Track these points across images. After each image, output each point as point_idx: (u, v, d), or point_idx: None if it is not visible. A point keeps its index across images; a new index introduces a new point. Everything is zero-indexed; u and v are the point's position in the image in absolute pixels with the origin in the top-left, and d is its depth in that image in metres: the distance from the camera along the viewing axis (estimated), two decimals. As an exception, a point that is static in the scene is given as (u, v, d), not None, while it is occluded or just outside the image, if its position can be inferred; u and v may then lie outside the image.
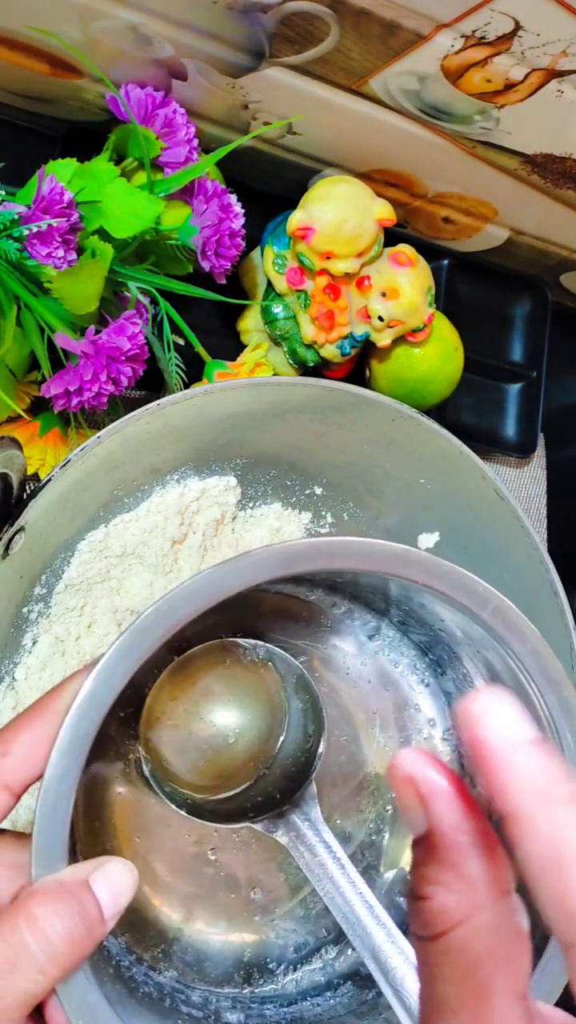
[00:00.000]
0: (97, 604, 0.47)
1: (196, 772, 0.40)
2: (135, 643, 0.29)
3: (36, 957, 0.25)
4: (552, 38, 0.40)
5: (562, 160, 0.49)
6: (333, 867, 0.38)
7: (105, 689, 0.29)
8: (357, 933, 0.37)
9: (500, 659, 0.34)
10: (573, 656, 0.48)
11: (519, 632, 0.33)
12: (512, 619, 0.33)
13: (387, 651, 0.44)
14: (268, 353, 0.53)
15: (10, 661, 0.45)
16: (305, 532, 0.52)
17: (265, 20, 0.41)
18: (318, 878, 0.38)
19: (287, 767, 0.40)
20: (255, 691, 0.41)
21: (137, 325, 0.43)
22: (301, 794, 0.39)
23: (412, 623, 0.41)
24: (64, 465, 0.41)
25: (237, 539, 0.50)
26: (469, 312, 0.60)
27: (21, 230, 0.40)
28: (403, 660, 0.44)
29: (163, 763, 0.39)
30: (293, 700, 0.41)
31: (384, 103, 0.46)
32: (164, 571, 0.47)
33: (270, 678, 0.41)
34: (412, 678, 0.44)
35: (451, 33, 0.40)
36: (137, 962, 0.39)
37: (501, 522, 0.48)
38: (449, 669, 0.41)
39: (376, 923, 0.36)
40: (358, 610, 0.43)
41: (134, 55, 0.44)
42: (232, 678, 0.41)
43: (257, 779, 0.40)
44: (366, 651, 0.44)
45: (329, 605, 0.43)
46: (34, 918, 0.26)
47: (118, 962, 0.39)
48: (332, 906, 0.37)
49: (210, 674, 0.40)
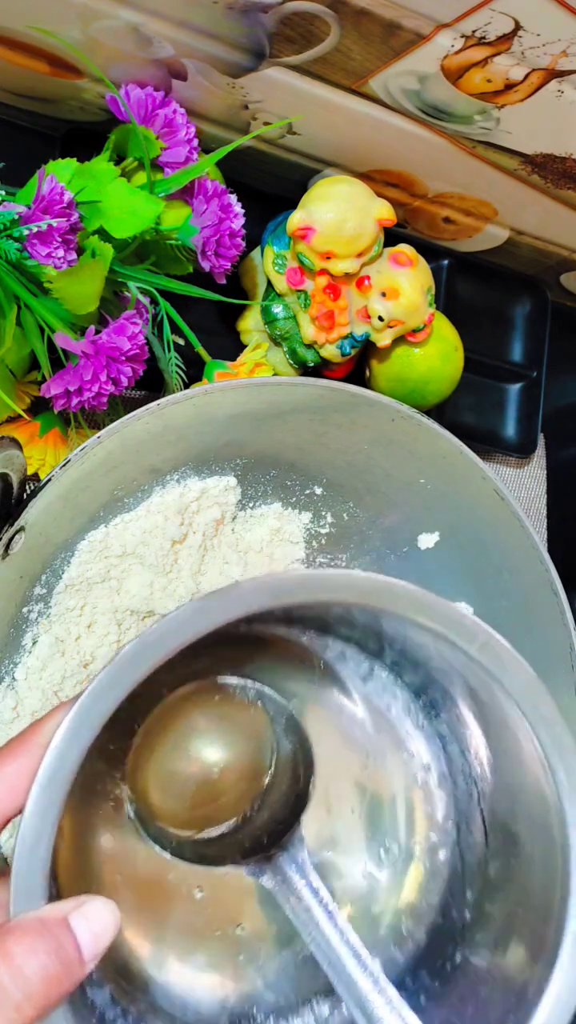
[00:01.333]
0: (97, 604, 0.47)
1: (181, 808, 0.39)
2: (120, 675, 0.28)
3: (12, 995, 0.25)
4: (552, 38, 0.40)
5: (562, 160, 0.49)
6: (320, 912, 0.37)
7: (88, 722, 0.28)
8: (343, 981, 0.35)
9: (490, 695, 0.34)
10: (573, 656, 0.48)
11: (510, 668, 0.32)
12: (502, 654, 0.32)
13: (381, 693, 0.43)
14: (268, 353, 0.53)
15: (10, 661, 0.45)
16: (305, 532, 0.52)
17: (265, 20, 0.41)
18: (304, 924, 0.37)
19: (275, 810, 0.39)
20: (243, 729, 0.40)
21: (137, 325, 0.43)
22: (289, 837, 0.38)
23: (405, 664, 0.40)
24: (64, 465, 0.41)
25: (237, 539, 0.50)
26: (469, 312, 0.60)
27: (21, 230, 0.40)
28: (396, 703, 0.42)
29: (148, 800, 0.38)
30: (283, 741, 0.40)
31: (384, 103, 0.46)
32: (164, 571, 0.47)
33: (260, 718, 0.40)
34: (406, 721, 0.42)
35: (451, 33, 0.40)
36: (123, 1015, 0.38)
37: (501, 522, 0.48)
38: (443, 711, 0.40)
39: (363, 972, 0.35)
40: (351, 652, 0.42)
41: (134, 55, 0.44)
42: (221, 715, 0.40)
43: (244, 821, 0.39)
44: (359, 693, 0.43)
45: (322, 647, 0.42)
46: (10, 955, 0.25)
47: (102, 1014, 0.37)
48: (318, 953, 0.36)
49: (199, 711, 0.39)
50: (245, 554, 0.50)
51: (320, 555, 0.53)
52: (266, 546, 0.50)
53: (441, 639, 0.33)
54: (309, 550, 0.52)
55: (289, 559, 0.52)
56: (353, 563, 0.53)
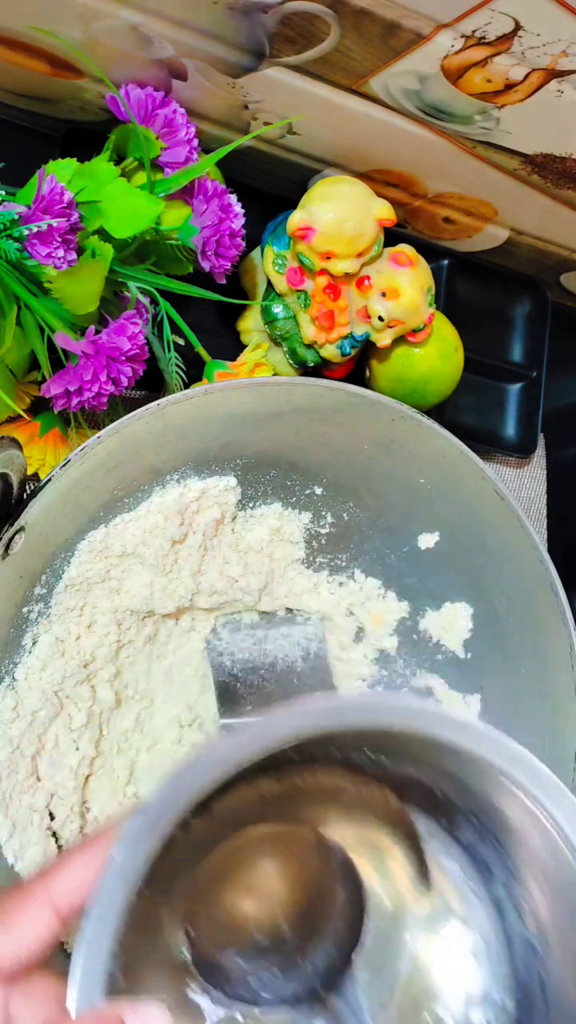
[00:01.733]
0: (97, 604, 0.47)
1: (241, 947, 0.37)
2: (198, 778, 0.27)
3: None
4: (552, 38, 0.40)
5: (562, 160, 0.49)
6: None
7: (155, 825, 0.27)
8: None
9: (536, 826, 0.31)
10: (573, 656, 0.48)
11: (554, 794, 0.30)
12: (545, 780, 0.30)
13: (439, 856, 0.39)
14: (268, 353, 0.53)
15: (10, 661, 0.45)
16: (305, 532, 0.52)
17: (265, 20, 0.41)
18: None
19: (329, 954, 0.38)
20: (308, 874, 0.38)
21: (137, 325, 0.43)
22: (341, 978, 0.37)
23: (461, 817, 0.37)
24: (64, 465, 0.41)
25: (237, 539, 0.50)
26: (469, 312, 0.60)
27: (21, 230, 0.40)
28: (455, 866, 0.38)
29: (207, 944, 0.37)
30: (338, 890, 0.38)
31: (384, 103, 0.46)
32: (164, 571, 0.47)
33: (324, 867, 0.38)
34: (465, 888, 0.38)
35: (451, 33, 0.40)
36: None
37: (501, 522, 0.48)
38: (496, 868, 0.37)
39: None
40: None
41: (134, 55, 0.44)
42: (288, 863, 0.38)
43: (295, 961, 0.38)
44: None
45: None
46: None
47: None
48: None
49: (270, 854, 0.38)
50: (245, 554, 0.50)
51: (320, 555, 0.53)
52: (266, 546, 0.50)
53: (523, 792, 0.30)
54: (309, 550, 0.52)
55: (289, 559, 0.52)
56: (353, 563, 0.53)
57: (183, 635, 0.50)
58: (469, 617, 0.52)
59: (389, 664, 0.54)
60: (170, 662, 0.50)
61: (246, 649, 0.48)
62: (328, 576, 0.53)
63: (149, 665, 0.50)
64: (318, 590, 0.53)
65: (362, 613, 0.54)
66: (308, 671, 0.47)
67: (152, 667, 0.50)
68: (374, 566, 0.53)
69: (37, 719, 0.45)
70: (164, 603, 0.48)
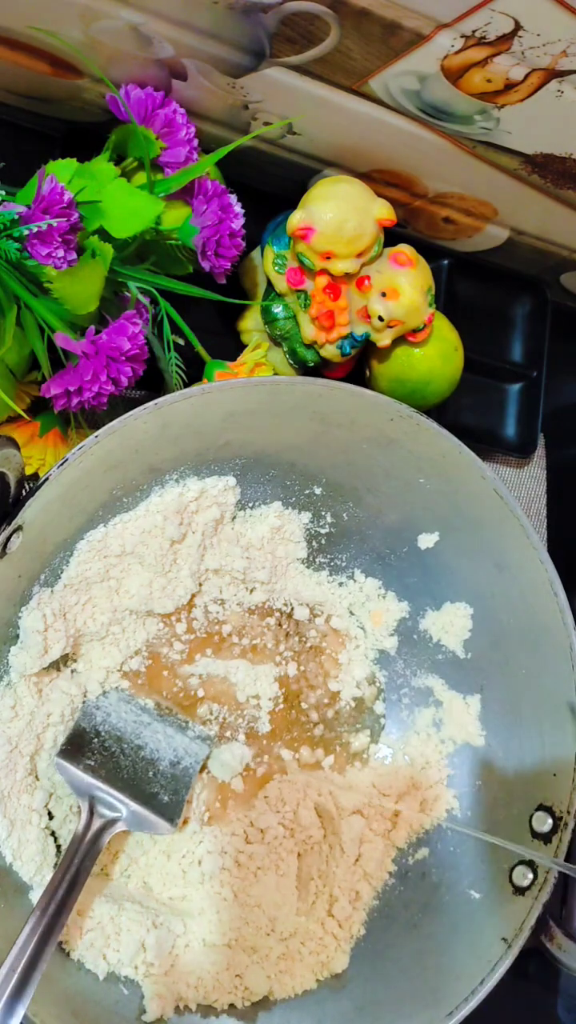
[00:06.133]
0: (96, 604, 0.47)
1: None
2: None
3: None
4: (552, 38, 0.40)
5: (562, 160, 0.49)
6: None
7: None
8: None
9: None
10: (573, 656, 0.48)
11: None
12: None
13: None
14: (268, 353, 0.53)
15: (9, 660, 0.45)
16: (305, 532, 0.52)
17: (265, 20, 0.41)
18: None
19: None
20: None
21: (137, 325, 0.43)
22: None
23: None
24: (62, 464, 0.41)
25: (238, 537, 0.50)
26: (469, 312, 0.60)
27: (21, 230, 0.40)
28: None
29: None
30: None
31: (384, 103, 0.46)
32: (163, 571, 0.47)
33: None
34: None
35: (451, 33, 0.40)
36: None
37: (501, 522, 0.48)
38: None
39: None
40: None
41: (134, 55, 0.45)
42: None
43: None
44: None
45: None
46: None
47: None
48: None
49: None
50: (247, 550, 0.50)
51: (320, 555, 0.53)
52: (267, 543, 0.50)
53: None
54: (310, 549, 0.53)
55: (291, 557, 0.52)
56: (353, 563, 0.53)
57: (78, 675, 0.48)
58: (469, 617, 0.52)
59: (389, 664, 0.54)
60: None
61: (125, 720, 0.47)
62: (328, 576, 0.53)
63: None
64: (319, 590, 0.53)
65: (362, 613, 0.54)
66: (167, 776, 0.47)
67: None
68: (374, 566, 0.53)
69: (35, 718, 0.45)
70: (163, 603, 0.48)
